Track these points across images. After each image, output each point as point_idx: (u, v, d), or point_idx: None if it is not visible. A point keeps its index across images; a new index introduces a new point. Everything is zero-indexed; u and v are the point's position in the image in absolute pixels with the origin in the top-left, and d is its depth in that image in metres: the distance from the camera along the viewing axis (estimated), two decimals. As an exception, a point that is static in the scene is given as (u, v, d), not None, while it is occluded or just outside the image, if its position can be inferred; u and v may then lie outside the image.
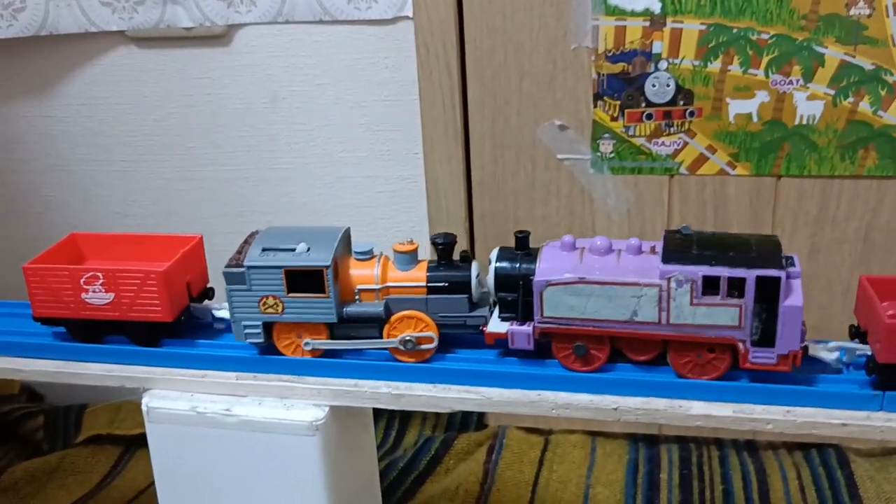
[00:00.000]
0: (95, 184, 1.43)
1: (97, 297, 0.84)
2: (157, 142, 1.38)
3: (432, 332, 0.79)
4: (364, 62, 1.27)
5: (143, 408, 0.84)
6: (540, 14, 1.18)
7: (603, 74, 1.19)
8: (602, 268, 0.74)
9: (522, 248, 0.78)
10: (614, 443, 1.38)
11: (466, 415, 1.43)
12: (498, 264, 0.77)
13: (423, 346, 0.80)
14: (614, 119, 1.21)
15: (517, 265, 0.77)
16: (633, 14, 1.15)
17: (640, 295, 0.72)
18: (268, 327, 0.81)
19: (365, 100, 1.29)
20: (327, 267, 0.77)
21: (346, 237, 0.82)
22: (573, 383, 0.77)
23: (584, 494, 1.26)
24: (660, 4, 1.13)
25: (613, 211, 1.26)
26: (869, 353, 0.74)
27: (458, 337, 0.82)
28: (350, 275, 0.80)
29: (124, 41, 1.32)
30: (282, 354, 0.83)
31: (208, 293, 0.91)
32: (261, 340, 0.81)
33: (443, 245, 0.80)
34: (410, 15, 1.22)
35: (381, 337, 0.80)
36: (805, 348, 0.74)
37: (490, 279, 0.78)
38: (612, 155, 1.23)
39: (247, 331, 0.81)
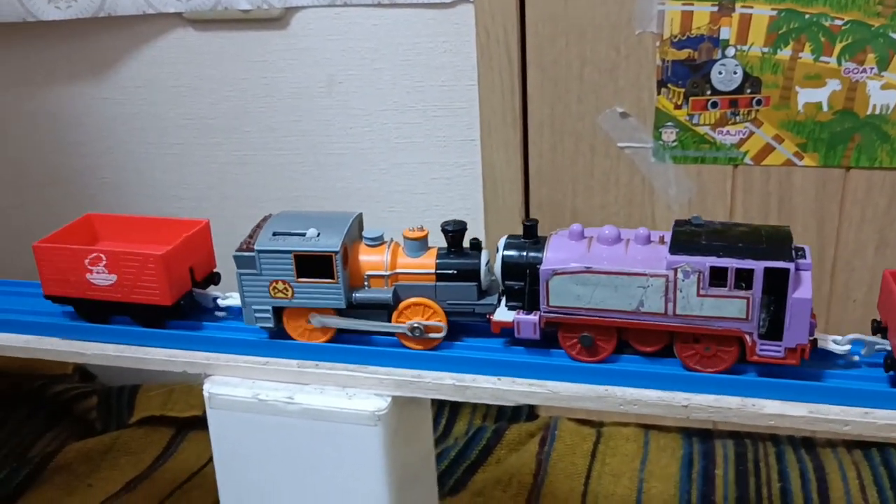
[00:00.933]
0: (151, 166, 1.44)
1: (101, 277, 0.84)
2: (213, 125, 1.38)
3: (440, 320, 0.79)
4: (422, 46, 1.25)
5: (205, 394, 0.84)
6: (603, 0, 1.15)
7: (667, 61, 1.16)
8: (609, 257, 0.73)
9: (531, 237, 0.77)
10: (668, 437, 1.36)
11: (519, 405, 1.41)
12: (505, 252, 0.76)
13: (431, 335, 0.79)
14: (678, 107, 1.18)
15: (524, 253, 0.76)
16: (701, -1, 1.12)
17: (646, 285, 0.71)
18: (278, 312, 0.81)
19: (422, 85, 1.28)
20: (336, 252, 0.76)
21: (358, 223, 0.82)
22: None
23: (638, 488, 1.25)
24: (729, -11, 1.10)
25: (674, 201, 1.23)
26: (888, 348, 0.71)
27: (466, 325, 0.82)
28: (360, 260, 0.80)
29: (181, 23, 1.32)
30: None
31: (213, 278, 0.90)
32: (271, 325, 0.81)
33: (453, 232, 0.78)
34: (471, -1, 1.20)
35: (388, 322, 0.80)
36: (814, 342, 0.72)
37: (497, 267, 0.77)
38: (675, 144, 1.20)
39: (257, 315, 0.81)
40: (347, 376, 0.82)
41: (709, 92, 1.16)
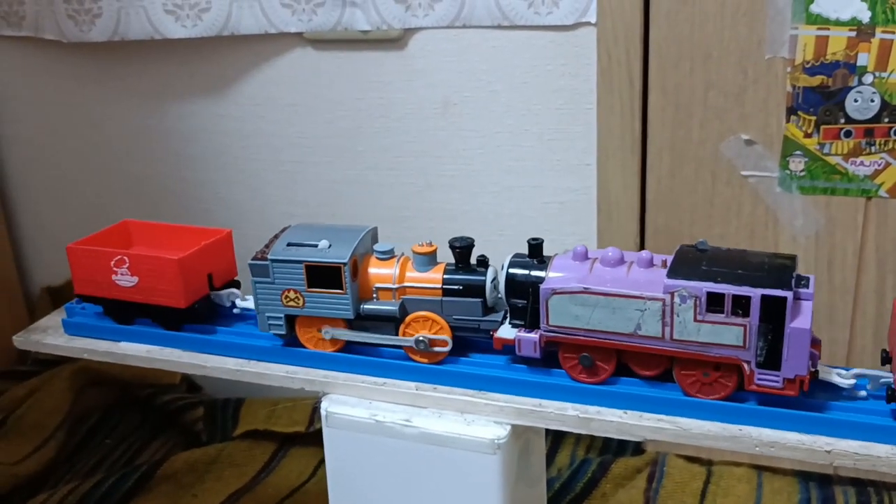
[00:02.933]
0: (264, 182, 1.46)
1: (125, 279, 0.88)
2: (326, 144, 1.39)
3: (446, 335, 0.80)
4: (540, 69, 1.24)
5: (322, 412, 0.84)
6: (732, 22, 1.11)
7: (798, 87, 1.11)
8: (608, 279, 0.73)
9: (535, 256, 0.78)
10: (783, 480, 1.30)
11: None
12: (510, 270, 0.77)
13: (436, 349, 0.80)
14: (808, 135, 1.13)
15: (528, 272, 0.77)
16: (838, 23, 1.07)
17: (643, 308, 0.71)
18: (290, 320, 0.83)
19: (538, 107, 1.26)
20: (344, 264, 0.78)
21: (372, 237, 0.84)
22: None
23: (751, 533, 1.19)
24: (869, 13, 1.05)
25: (800, 233, 1.18)
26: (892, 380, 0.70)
27: (471, 341, 0.82)
28: (369, 273, 0.82)
29: (301, 43, 1.33)
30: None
31: (234, 286, 0.92)
32: (283, 332, 0.83)
33: (460, 248, 0.80)
34: (593, 21, 1.18)
35: (396, 335, 0.81)
36: (814, 373, 0.71)
37: (501, 285, 0.78)
38: (803, 173, 1.15)
39: (270, 322, 0.83)
40: (466, 402, 0.81)
41: (842, 120, 1.11)
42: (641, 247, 1.25)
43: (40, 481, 1.39)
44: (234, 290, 0.91)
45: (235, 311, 0.91)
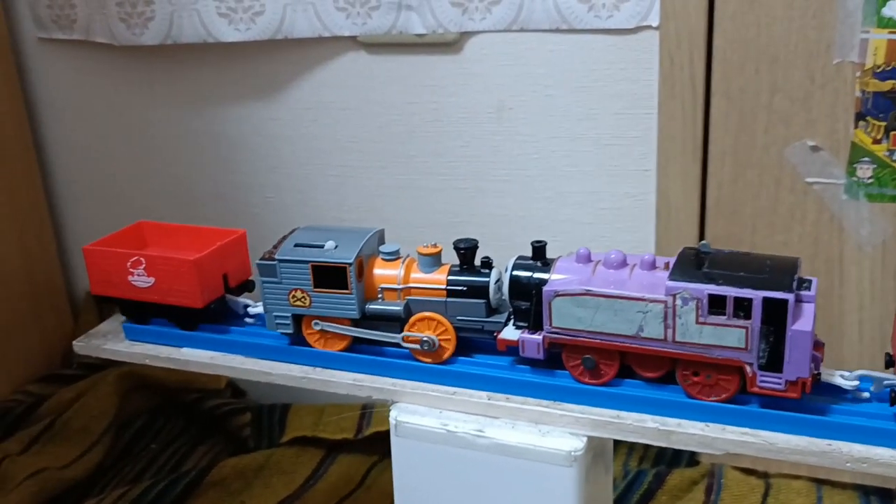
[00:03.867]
0: (313, 187, 1.45)
1: (141, 280, 0.90)
2: (378, 148, 1.38)
3: (449, 336, 0.81)
4: (599, 73, 1.22)
5: (391, 421, 0.82)
6: (800, 26, 1.09)
7: (868, 92, 1.09)
8: (610, 281, 0.73)
9: (539, 258, 0.78)
10: (843, 494, 1.27)
11: (679, 449, 1.34)
12: (513, 272, 0.78)
13: (439, 349, 0.81)
14: (877, 141, 1.10)
15: (531, 274, 0.77)
16: (911, 27, 1.04)
17: (645, 310, 0.72)
18: (297, 319, 0.84)
19: (595, 112, 1.24)
20: (350, 264, 0.80)
21: (378, 238, 0.85)
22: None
23: (813, 547, 1.16)
24: (944, 17, 1.03)
25: (866, 242, 1.15)
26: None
27: (475, 341, 0.83)
28: (374, 274, 0.83)
29: (355, 46, 1.32)
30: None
31: (248, 286, 0.94)
32: (290, 331, 0.85)
33: (464, 250, 0.81)
34: (654, 25, 1.16)
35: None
36: (817, 375, 0.71)
37: (505, 287, 0.78)
38: (871, 181, 1.12)
39: (277, 321, 0.85)
40: (541, 412, 0.79)
41: (914, 126, 1.08)
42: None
43: (87, 486, 1.38)
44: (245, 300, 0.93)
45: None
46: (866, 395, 0.73)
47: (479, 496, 0.81)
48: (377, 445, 1.42)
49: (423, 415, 0.82)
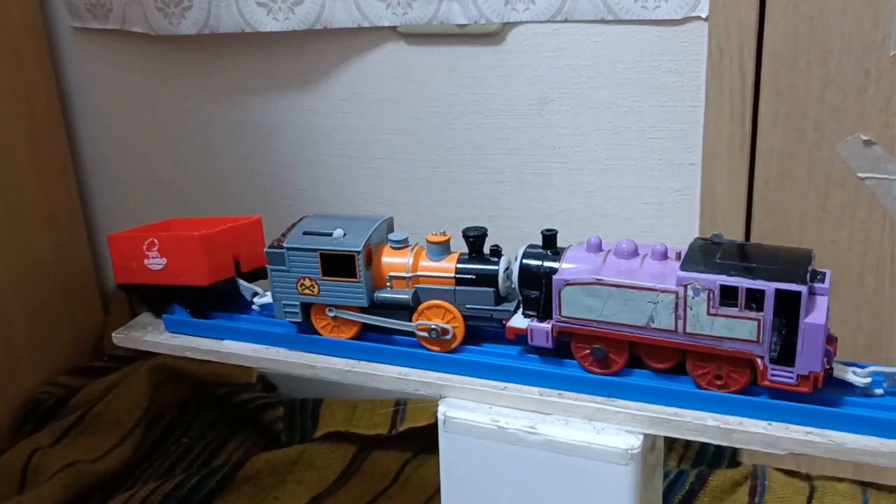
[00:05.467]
0: (348, 179, 1.43)
1: (155, 262, 0.90)
2: (416, 140, 1.36)
3: (458, 324, 0.80)
4: (644, 65, 1.19)
5: (440, 416, 0.80)
6: (855, 17, 1.06)
7: (925, 86, 1.06)
8: (621, 271, 0.72)
9: (550, 247, 0.78)
10: (889, 497, 1.24)
11: (720, 449, 1.32)
12: (523, 261, 0.77)
13: (448, 337, 0.80)
14: (933, 136, 1.07)
15: (542, 263, 0.76)
16: (973, 18, 1.01)
17: (656, 301, 0.71)
18: (306, 308, 0.84)
19: (640, 105, 1.22)
20: (358, 252, 0.79)
21: (387, 226, 0.85)
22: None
23: (860, 552, 1.13)
24: None
25: (920, 239, 1.12)
26: None
27: (483, 330, 0.82)
28: (383, 262, 0.82)
29: (394, 37, 1.31)
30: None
31: (262, 273, 0.92)
32: (299, 320, 0.84)
33: (473, 238, 0.80)
34: (703, 15, 1.13)
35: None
36: (829, 370, 0.70)
37: (514, 275, 0.78)
38: (926, 176, 1.09)
39: (286, 310, 0.84)
40: (595, 409, 0.77)
41: (972, 120, 1.05)
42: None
43: (119, 479, 1.37)
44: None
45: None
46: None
47: (529, 493, 0.79)
48: (411, 441, 1.40)
49: (473, 410, 0.80)
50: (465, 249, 0.82)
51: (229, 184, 1.52)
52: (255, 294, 0.91)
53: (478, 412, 0.80)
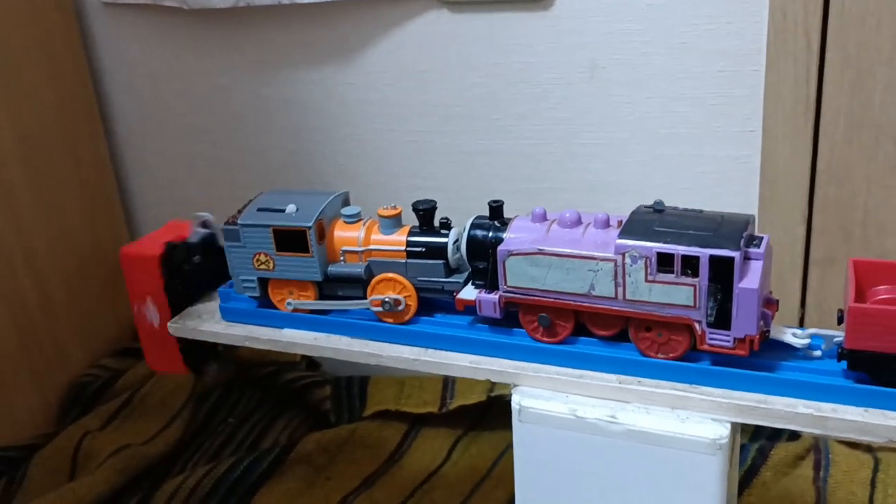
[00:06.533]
0: (388, 154, 1.39)
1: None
2: (458, 112, 1.32)
3: (410, 296, 0.82)
4: (701, 28, 1.15)
5: (514, 406, 0.77)
6: (928, -28, 1.01)
7: None
8: (563, 240, 0.74)
9: (496, 217, 0.79)
10: (955, 466, 1.21)
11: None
12: (470, 232, 0.79)
13: (400, 308, 0.82)
14: None
15: (488, 234, 0.78)
16: None
17: (596, 269, 0.72)
18: (263, 283, 0.86)
19: (696, 70, 1.17)
20: (309, 227, 0.81)
21: (342, 201, 0.86)
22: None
23: (929, 525, 1.11)
24: None
25: None
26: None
27: (435, 301, 0.84)
28: (335, 236, 0.84)
29: (436, 5, 1.26)
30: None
31: None
32: (257, 294, 0.87)
33: (423, 211, 0.81)
34: (765, -25, 1.08)
35: (364, 298, 0.83)
36: (765, 333, 0.72)
37: (462, 247, 0.79)
38: None
39: (244, 284, 0.87)
40: (678, 396, 0.74)
41: None
42: (809, 220, 1.17)
43: (170, 461, 1.36)
44: None
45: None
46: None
47: (609, 484, 0.77)
48: (461, 419, 1.38)
49: (549, 399, 0.77)
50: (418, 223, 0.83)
51: (265, 161, 1.48)
52: None
53: (554, 401, 0.77)
